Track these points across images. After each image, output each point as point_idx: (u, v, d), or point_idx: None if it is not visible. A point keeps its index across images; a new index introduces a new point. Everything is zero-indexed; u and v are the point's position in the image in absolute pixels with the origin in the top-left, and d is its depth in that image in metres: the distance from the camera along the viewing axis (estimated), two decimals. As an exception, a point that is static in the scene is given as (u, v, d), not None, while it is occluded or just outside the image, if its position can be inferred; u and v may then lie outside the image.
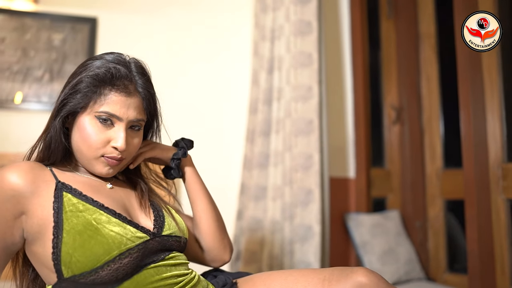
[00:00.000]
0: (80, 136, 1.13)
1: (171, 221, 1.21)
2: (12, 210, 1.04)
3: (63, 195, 1.07)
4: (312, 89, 2.33)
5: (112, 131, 1.13)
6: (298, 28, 2.36)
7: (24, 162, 1.10)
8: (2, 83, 2.52)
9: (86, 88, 1.11)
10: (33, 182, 1.06)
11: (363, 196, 2.65)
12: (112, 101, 1.11)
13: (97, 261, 1.00)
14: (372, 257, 2.47)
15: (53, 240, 1.01)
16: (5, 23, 2.56)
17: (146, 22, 2.76)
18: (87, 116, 1.12)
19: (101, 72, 1.12)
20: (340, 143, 2.67)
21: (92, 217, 1.05)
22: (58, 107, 1.14)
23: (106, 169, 1.15)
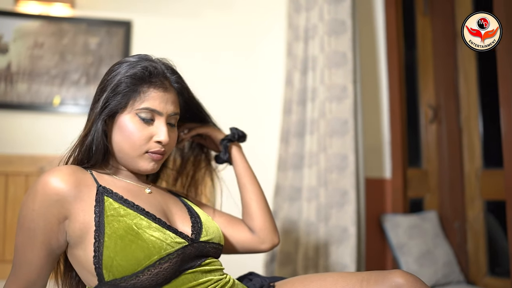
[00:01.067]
0: (123, 135, 1.15)
1: (208, 227, 1.21)
2: (56, 214, 1.05)
3: (105, 199, 1.08)
4: (347, 89, 2.30)
5: (154, 127, 1.16)
6: (331, 27, 2.34)
7: (66, 166, 1.12)
8: (41, 87, 2.58)
9: (126, 88, 1.14)
10: (76, 186, 1.07)
11: (399, 196, 2.60)
12: (151, 97, 1.15)
13: (138, 265, 1.01)
14: (409, 259, 2.43)
15: (95, 244, 1.03)
16: (44, 28, 2.62)
17: (179, 25, 2.77)
18: (127, 115, 1.14)
19: (138, 71, 1.16)
20: (375, 143, 2.63)
21: (133, 222, 1.06)
22: (100, 110, 1.15)
23: (152, 165, 1.17)
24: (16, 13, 2.59)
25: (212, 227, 1.23)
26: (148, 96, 1.15)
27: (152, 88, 1.16)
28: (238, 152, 1.50)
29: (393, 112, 2.64)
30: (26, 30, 2.60)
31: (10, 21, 2.59)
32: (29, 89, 2.57)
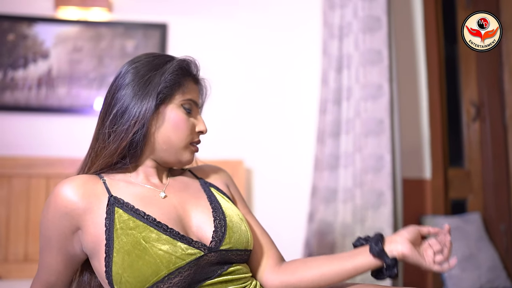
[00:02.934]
0: (170, 127, 1.14)
1: (233, 233, 1.12)
2: (68, 226, 1.06)
3: (115, 210, 1.06)
4: (382, 87, 2.24)
5: (193, 118, 1.19)
6: (366, 24, 2.28)
7: (77, 176, 1.10)
8: (80, 90, 2.64)
9: (171, 81, 1.14)
10: (86, 198, 1.06)
11: (440, 198, 2.51)
12: (192, 89, 1.19)
13: (146, 282, 0.99)
14: (450, 262, 2.34)
15: (105, 258, 1.01)
16: (82, 33, 2.68)
17: (214, 26, 2.78)
18: (172, 106, 1.15)
19: (183, 64, 1.18)
20: (414, 143, 2.55)
21: (141, 235, 1.02)
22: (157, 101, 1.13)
23: (192, 157, 1.20)
24: (56, 19, 2.66)
25: (238, 231, 1.13)
26: (189, 88, 1.18)
27: (190, 80, 1.19)
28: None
29: (433, 110, 2.55)
30: (65, 35, 2.67)
31: (51, 27, 2.66)
32: (68, 92, 2.64)
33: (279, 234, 2.53)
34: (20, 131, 2.57)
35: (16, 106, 2.58)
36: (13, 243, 2.43)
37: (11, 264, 2.40)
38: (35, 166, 2.49)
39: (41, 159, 2.50)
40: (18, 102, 2.59)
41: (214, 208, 1.16)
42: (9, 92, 2.59)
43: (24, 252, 2.43)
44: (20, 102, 2.59)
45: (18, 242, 2.43)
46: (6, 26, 2.63)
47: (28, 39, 2.65)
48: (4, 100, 2.58)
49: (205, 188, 1.24)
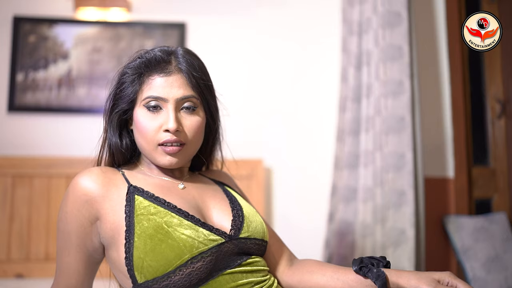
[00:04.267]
0: (137, 130, 1.11)
1: (250, 222, 1.13)
2: (87, 216, 1.04)
3: (135, 198, 1.06)
4: (403, 83, 2.19)
5: (162, 116, 1.09)
6: (386, 19, 2.23)
7: (95, 167, 1.11)
8: (99, 90, 2.66)
9: (128, 83, 1.11)
10: (105, 186, 1.06)
11: (464, 197, 2.44)
12: (154, 85, 1.09)
13: (169, 265, 0.98)
14: (475, 264, 2.28)
15: (125, 244, 1.00)
16: (102, 34, 2.70)
17: (233, 25, 2.76)
18: (137, 109, 1.11)
19: (136, 63, 1.12)
20: (436, 141, 2.49)
21: (163, 220, 1.02)
22: (110, 112, 1.14)
23: (168, 159, 1.09)
24: (76, 20, 2.68)
25: (255, 221, 1.15)
26: (151, 84, 1.09)
27: (154, 75, 1.09)
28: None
29: (456, 107, 2.48)
30: (85, 36, 2.69)
31: (71, 28, 2.68)
32: (88, 93, 2.65)
33: (299, 234, 2.52)
34: (41, 131, 2.60)
35: (37, 106, 2.61)
36: (34, 242, 2.46)
37: (32, 263, 2.43)
38: (56, 166, 2.51)
39: (61, 159, 2.53)
40: (39, 103, 2.62)
41: (230, 200, 1.18)
42: (30, 93, 2.62)
43: (45, 251, 2.46)
44: (41, 102, 2.62)
45: (39, 241, 2.46)
46: (28, 28, 2.66)
47: (48, 41, 2.68)
48: (26, 100, 2.61)
49: (219, 185, 1.26)
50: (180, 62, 1.12)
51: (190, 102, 1.11)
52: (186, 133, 1.10)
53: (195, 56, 1.17)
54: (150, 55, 1.12)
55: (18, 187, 2.49)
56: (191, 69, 1.13)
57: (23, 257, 2.44)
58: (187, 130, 1.10)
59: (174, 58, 1.13)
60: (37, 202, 2.49)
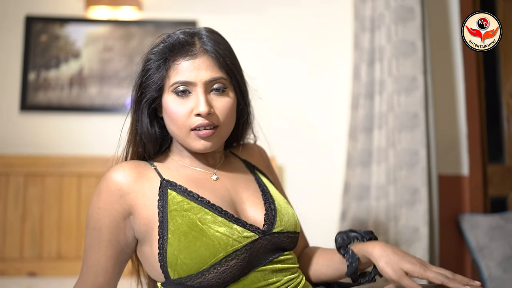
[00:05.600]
0: (168, 117, 1.08)
1: (283, 215, 1.11)
2: (121, 211, 1.03)
3: (168, 193, 1.04)
4: (416, 80, 2.16)
5: (192, 100, 1.05)
6: (399, 15, 2.20)
7: (127, 162, 1.10)
8: (110, 89, 2.66)
9: (154, 69, 1.08)
10: (137, 181, 1.04)
11: (478, 195, 2.40)
12: (180, 70, 1.05)
13: (203, 263, 0.96)
14: (490, 263, 2.24)
15: (159, 240, 0.99)
16: (113, 32, 2.70)
17: (245, 22, 2.75)
18: (166, 95, 1.07)
19: (160, 47, 1.08)
20: (450, 138, 2.45)
21: (197, 217, 1.00)
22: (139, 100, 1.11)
23: (202, 143, 1.06)
24: (87, 19, 2.68)
25: (287, 214, 1.13)
26: (177, 69, 1.05)
27: (179, 59, 1.05)
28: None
29: (471, 103, 2.45)
30: (96, 35, 2.69)
31: (82, 27, 2.69)
32: (100, 92, 2.65)
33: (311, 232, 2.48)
34: (53, 130, 2.60)
35: (49, 105, 2.62)
36: (46, 241, 2.46)
37: (44, 262, 2.43)
38: (67, 165, 2.52)
39: (73, 158, 2.53)
40: (51, 102, 2.63)
41: (263, 191, 1.16)
42: (42, 92, 2.63)
43: (57, 249, 2.46)
44: (53, 101, 2.63)
45: (51, 240, 2.47)
46: (39, 27, 2.67)
47: (60, 40, 2.69)
48: (37, 100, 2.62)
49: (251, 171, 1.23)
50: (205, 43, 1.08)
51: (219, 84, 1.07)
52: (218, 116, 1.06)
53: (219, 35, 1.13)
54: (173, 39, 1.08)
55: (30, 186, 2.50)
56: (217, 48, 1.08)
57: (36, 256, 2.45)
58: (218, 112, 1.06)
59: (198, 39, 1.08)
60: (49, 200, 2.50)
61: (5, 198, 2.47)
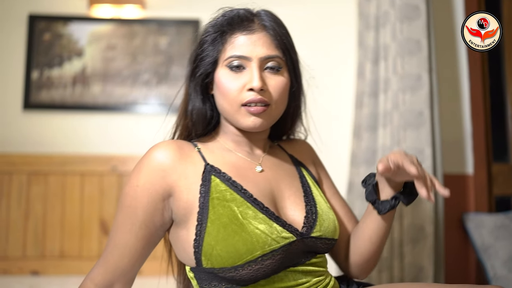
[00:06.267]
0: (219, 92, 1.06)
1: (323, 220, 1.08)
2: (161, 192, 1.00)
3: (211, 179, 1.01)
4: (421, 78, 2.15)
5: (245, 75, 1.03)
6: (404, 13, 2.19)
7: (171, 141, 1.07)
8: (113, 88, 2.65)
9: (210, 42, 1.07)
10: (182, 163, 1.02)
11: (483, 194, 2.39)
12: (237, 44, 1.04)
13: (239, 259, 0.95)
14: (495, 262, 2.22)
15: (197, 227, 0.97)
16: (116, 31, 2.69)
17: (248, 21, 2.74)
18: (219, 69, 1.06)
19: (219, 20, 1.08)
20: (455, 136, 2.44)
21: (239, 210, 0.98)
22: (192, 75, 1.10)
23: (252, 120, 1.03)
24: (90, 18, 2.68)
25: (328, 219, 1.09)
26: (233, 43, 1.04)
27: (237, 33, 1.05)
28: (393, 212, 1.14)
29: (475, 102, 2.43)
30: (99, 34, 2.69)
31: (85, 25, 2.68)
32: (103, 90, 2.65)
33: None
34: (56, 129, 2.60)
35: (52, 104, 2.61)
36: (49, 240, 2.46)
37: (47, 260, 2.43)
38: (70, 164, 2.51)
39: (76, 157, 2.53)
40: (54, 101, 2.62)
41: (305, 192, 1.13)
42: (45, 91, 2.62)
43: (60, 248, 2.45)
44: (56, 100, 2.62)
45: (54, 239, 2.46)
46: (43, 26, 2.66)
47: (63, 38, 2.68)
48: (41, 98, 2.61)
49: (297, 168, 1.20)
50: (264, 20, 1.09)
51: (275, 62, 1.06)
52: (270, 93, 1.05)
53: (278, 17, 1.13)
54: (233, 13, 1.09)
55: (33, 185, 2.49)
56: (275, 27, 1.09)
57: (38, 254, 2.44)
58: (272, 89, 1.05)
59: (257, 16, 1.09)
60: (52, 199, 2.49)
61: (8, 197, 2.47)
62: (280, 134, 1.27)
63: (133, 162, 2.56)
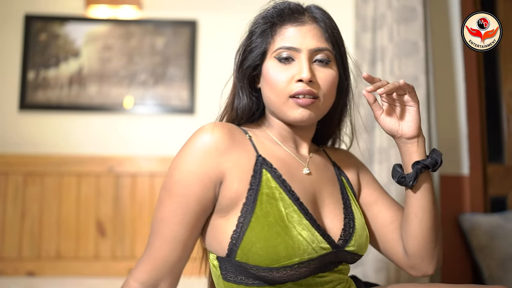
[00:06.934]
0: (266, 84, 1.04)
1: (359, 236, 1.06)
2: (214, 178, 0.95)
3: (263, 172, 0.98)
4: (418, 79, 2.16)
5: (294, 67, 1.01)
6: (401, 15, 2.21)
7: (224, 123, 1.01)
8: (110, 88, 2.64)
9: (259, 34, 1.06)
10: (235, 149, 0.98)
11: (479, 195, 2.41)
12: (287, 35, 1.03)
13: (276, 262, 0.92)
14: (491, 262, 2.24)
15: (239, 218, 0.94)
16: (112, 31, 2.69)
17: (245, 22, 2.73)
18: (267, 61, 1.04)
19: (270, 12, 1.07)
20: (451, 137, 2.46)
21: (285, 212, 0.94)
22: (239, 68, 1.08)
23: (300, 112, 1.00)
24: (87, 18, 2.67)
25: (363, 235, 1.07)
26: (283, 35, 1.03)
27: (286, 25, 1.03)
28: (428, 183, 1.08)
29: (471, 103, 2.45)
30: (96, 34, 2.68)
31: (81, 26, 2.68)
32: (99, 91, 2.64)
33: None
34: (52, 129, 2.59)
35: (48, 105, 2.61)
36: (45, 241, 2.45)
37: (43, 261, 2.42)
38: (67, 164, 2.51)
39: (72, 157, 2.52)
40: (50, 101, 2.61)
41: (345, 204, 1.10)
42: (41, 91, 2.61)
43: (56, 249, 2.45)
44: (52, 100, 2.61)
45: (50, 240, 2.45)
46: (39, 26, 2.65)
47: (59, 39, 2.67)
48: (37, 99, 2.60)
49: (338, 177, 1.16)
50: (314, 12, 1.07)
51: (324, 55, 1.04)
52: (319, 85, 1.02)
53: (327, 12, 1.12)
54: (284, 5, 1.07)
55: (29, 185, 2.48)
56: (326, 19, 1.07)
57: (34, 255, 2.43)
58: (320, 82, 1.02)
59: (307, 10, 1.08)
60: (49, 200, 2.48)
61: (4, 198, 2.46)
62: (326, 135, 1.25)
63: (130, 162, 2.58)
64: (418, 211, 1.07)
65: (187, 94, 2.63)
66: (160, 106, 2.63)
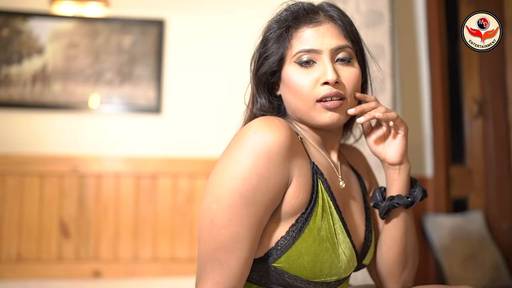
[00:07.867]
0: (289, 91, 0.98)
1: (371, 250, 1.05)
2: (284, 182, 0.88)
3: (318, 182, 0.92)
4: (385, 82, 2.20)
5: (317, 69, 0.95)
6: (368, 18, 2.24)
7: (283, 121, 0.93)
8: (75, 87, 2.59)
9: (274, 39, 1.00)
10: (297, 155, 0.91)
11: (441, 196, 2.47)
12: (304, 38, 0.97)
13: (318, 277, 0.89)
14: (452, 262, 2.30)
15: (292, 226, 0.88)
16: (78, 29, 2.63)
17: (213, 22, 2.73)
18: (287, 67, 0.98)
19: (283, 15, 1.01)
20: (415, 140, 2.51)
21: (334, 227, 0.91)
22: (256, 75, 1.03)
23: (329, 116, 0.95)
24: (52, 15, 2.61)
25: (372, 249, 1.06)
26: (300, 38, 0.97)
27: (302, 27, 0.98)
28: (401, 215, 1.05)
29: (435, 107, 2.51)
30: (61, 31, 2.62)
31: (46, 22, 2.61)
32: (64, 89, 2.58)
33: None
34: (14, 128, 2.52)
35: (10, 102, 2.54)
36: (6, 243, 2.38)
37: (3, 264, 2.35)
38: (29, 164, 2.44)
39: (35, 157, 2.46)
40: (12, 99, 2.54)
41: (367, 215, 1.08)
42: (3, 89, 2.54)
43: (17, 251, 2.38)
44: (14, 98, 2.54)
45: (11, 242, 2.39)
46: (1, 21, 2.58)
47: (22, 35, 2.60)
48: (-2, 96, 2.53)
49: (360, 184, 1.13)
50: (329, 11, 1.01)
51: (345, 53, 0.98)
52: (345, 86, 0.96)
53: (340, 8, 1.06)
54: (298, 6, 1.01)
55: (-11, 185, 2.40)
56: (342, 16, 1.01)
57: (-5, 258, 2.36)
58: (346, 82, 0.97)
59: (321, 9, 1.01)
60: (10, 200, 2.41)
61: (-38, 198, 2.37)
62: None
63: (95, 162, 2.53)
64: (387, 239, 1.06)
65: (153, 94, 2.60)
66: (127, 105, 2.59)
